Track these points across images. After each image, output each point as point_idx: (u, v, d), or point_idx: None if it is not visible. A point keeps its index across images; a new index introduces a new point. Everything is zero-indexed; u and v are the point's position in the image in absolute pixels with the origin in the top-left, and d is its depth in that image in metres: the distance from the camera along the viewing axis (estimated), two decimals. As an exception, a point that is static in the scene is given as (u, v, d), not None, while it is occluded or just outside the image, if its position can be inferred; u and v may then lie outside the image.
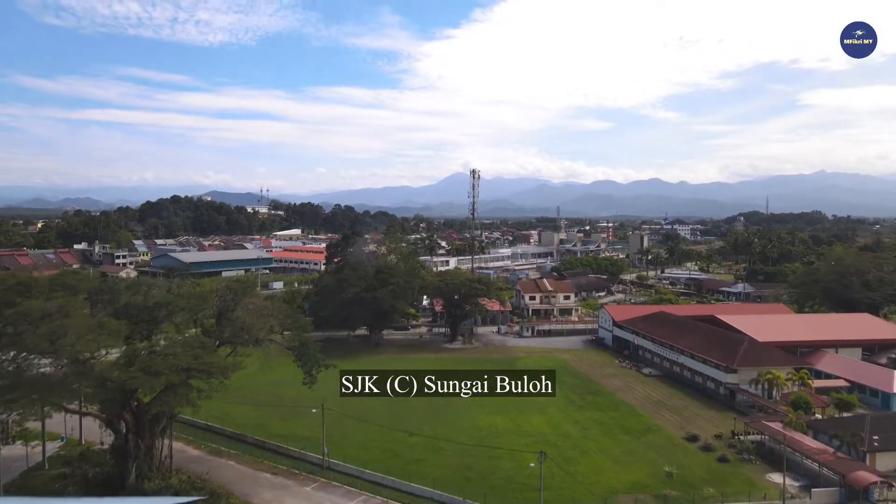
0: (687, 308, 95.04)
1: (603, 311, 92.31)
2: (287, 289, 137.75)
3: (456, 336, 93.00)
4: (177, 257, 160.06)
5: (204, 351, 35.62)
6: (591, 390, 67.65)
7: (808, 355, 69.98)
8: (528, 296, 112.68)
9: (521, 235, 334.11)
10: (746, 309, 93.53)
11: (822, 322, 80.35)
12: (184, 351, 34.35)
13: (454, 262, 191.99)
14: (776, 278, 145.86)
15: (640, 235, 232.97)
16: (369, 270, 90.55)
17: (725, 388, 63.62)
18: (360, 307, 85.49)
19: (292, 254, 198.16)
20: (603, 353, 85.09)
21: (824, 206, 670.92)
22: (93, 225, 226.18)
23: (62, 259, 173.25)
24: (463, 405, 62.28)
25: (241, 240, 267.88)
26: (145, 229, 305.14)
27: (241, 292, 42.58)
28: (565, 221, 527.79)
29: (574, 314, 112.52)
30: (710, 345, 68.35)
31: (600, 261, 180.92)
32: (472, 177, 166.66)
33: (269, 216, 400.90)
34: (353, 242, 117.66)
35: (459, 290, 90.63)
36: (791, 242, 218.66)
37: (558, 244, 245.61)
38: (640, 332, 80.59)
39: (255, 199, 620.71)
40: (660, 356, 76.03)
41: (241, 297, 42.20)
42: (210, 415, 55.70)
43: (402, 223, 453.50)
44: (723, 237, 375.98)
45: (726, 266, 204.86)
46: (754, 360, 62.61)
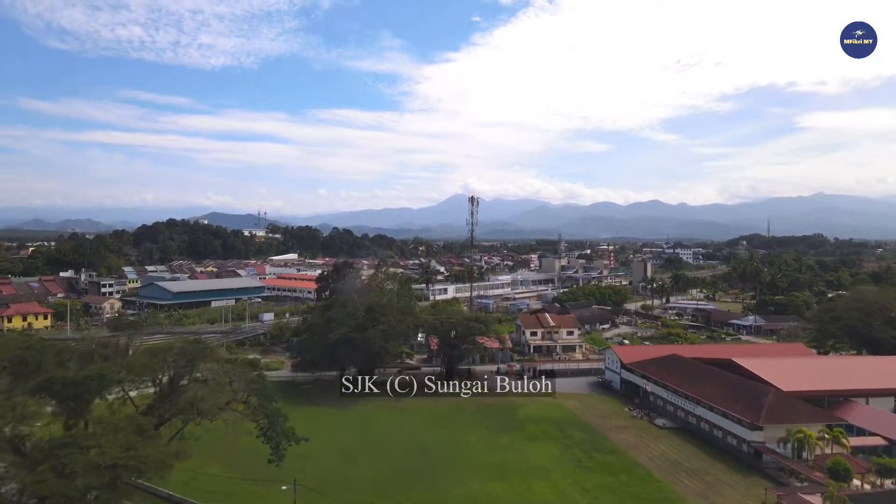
0: (700, 349, 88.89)
1: (610, 352, 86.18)
2: (276, 321, 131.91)
3: (452, 378, 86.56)
4: (164, 287, 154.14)
5: (140, 438, 29.50)
6: (600, 447, 61.28)
7: (837, 406, 63.80)
8: (529, 331, 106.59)
9: (521, 260, 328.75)
10: (764, 350, 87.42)
11: (849, 366, 74.24)
12: (112, 440, 28.17)
13: (452, 291, 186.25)
14: (788, 309, 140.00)
15: (643, 263, 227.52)
16: (360, 308, 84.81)
17: (750, 447, 57.30)
18: (349, 348, 79.50)
19: (286, 282, 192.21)
20: (611, 399, 78.69)
21: (824, 229, 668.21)
22: (82, 251, 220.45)
23: (46, 288, 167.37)
24: (459, 467, 56.18)
25: (235, 265, 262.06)
26: (139, 253, 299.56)
27: (196, 356, 36.72)
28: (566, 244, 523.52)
29: (578, 351, 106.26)
30: (731, 396, 62.22)
31: (603, 290, 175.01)
32: (471, 204, 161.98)
33: (266, 240, 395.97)
34: (345, 274, 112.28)
35: (456, 329, 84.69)
36: (798, 269, 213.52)
37: (559, 271, 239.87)
38: (651, 377, 74.44)
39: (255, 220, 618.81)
40: (674, 405, 69.76)
41: (196, 363, 36.31)
42: (174, 478, 49.52)
43: (402, 246, 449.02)
44: (725, 261, 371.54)
45: (732, 294, 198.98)
46: (782, 416, 56.46)
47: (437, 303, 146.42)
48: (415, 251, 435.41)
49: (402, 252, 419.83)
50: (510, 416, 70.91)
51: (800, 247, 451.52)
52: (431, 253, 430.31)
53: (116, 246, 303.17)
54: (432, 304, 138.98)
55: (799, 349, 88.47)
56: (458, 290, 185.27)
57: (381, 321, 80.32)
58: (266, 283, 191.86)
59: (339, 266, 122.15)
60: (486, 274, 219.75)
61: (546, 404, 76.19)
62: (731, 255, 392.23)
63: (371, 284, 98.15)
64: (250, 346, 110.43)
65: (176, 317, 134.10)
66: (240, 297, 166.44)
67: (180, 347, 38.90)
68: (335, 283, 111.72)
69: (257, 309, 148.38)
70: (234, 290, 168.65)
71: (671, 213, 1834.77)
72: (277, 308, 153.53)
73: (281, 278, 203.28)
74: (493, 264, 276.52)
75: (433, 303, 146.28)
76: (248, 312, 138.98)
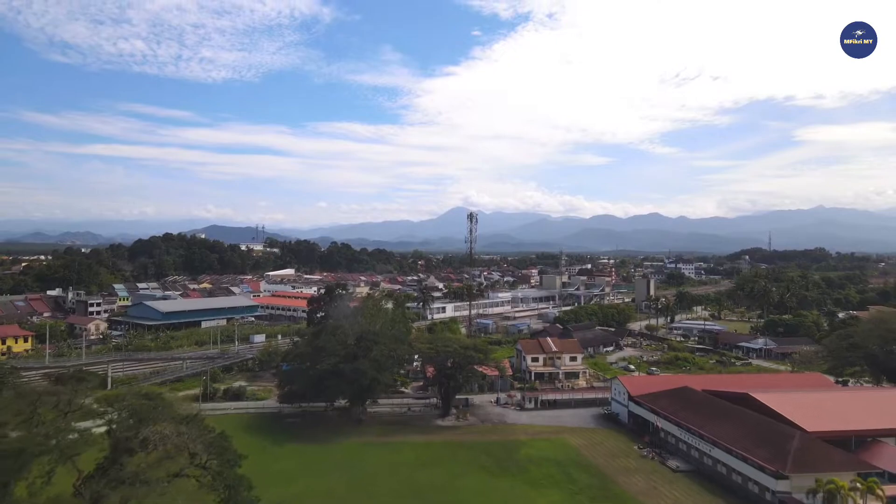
0: (712, 379, 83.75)
1: (616, 383, 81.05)
2: (267, 344, 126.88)
3: (449, 409, 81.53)
4: (153, 306, 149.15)
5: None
6: (608, 494, 56.04)
7: (866, 449, 58.65)
8: (530, 357, 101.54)
9: (521, 276, 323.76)
10: (781, 381, 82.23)
11: (875, 401, 69.09)
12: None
13: (451, 310, 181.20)
14: (798, 331, 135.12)
15: (646, 280, 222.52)
16: (350, 335, 79.91)
17: (775, 497, 52.09)
18: (339, 379, 74.44)
19: (280, 300, 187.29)
20: (618, 434, 73.39)
21: (824, 242, 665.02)
22: (74, 267, 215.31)
23: (32, 307, 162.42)
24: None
25: (231, 280, 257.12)
26: (134, 268, 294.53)
27: (145, 417, 31.72)
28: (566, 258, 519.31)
29: (581, 377, 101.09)
30: (751, 437, 57.08)
31: (605, 308, 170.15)
32: (470, 221, 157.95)
33: (263, 254, 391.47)
34: (337, 297, 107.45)
35: (452, 358, 79.68)
36: (805, 287, 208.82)
37: (560, 288, 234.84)
38: (661, 412, 69.31)
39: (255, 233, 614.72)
40: (687, 444, 64.55)
41: (145, 425, 31.31)
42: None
43: (401, 260, 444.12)
44: (728, 276, 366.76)
45: (738, 313, 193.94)
46: (810, 464, 51.36)
47: (435, 324, 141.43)
48: (414, 266, 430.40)
49: (401, 267, 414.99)
50: (511, 456, 65.66)
51: (802, 261, 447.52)
52: (430, 267, 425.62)
53: (111, 261, 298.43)
54: (429, 328, 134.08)
55: (817, 379, 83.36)
56: (456, 309, 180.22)
57: (373, 350, 75.35)
58: (259, 301, 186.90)
59: (331, 288, 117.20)
60: (485, 290, 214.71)
61: (549, 441, 71.12)
62: (734, 270, 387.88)
63: (364, 309, 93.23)
64: (238, 372, 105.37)
65: (163, 338, 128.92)
66: (232, 316, 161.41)
67: (128, 405, 33.32)
68: (327, 306, 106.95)
69: (248, 330, 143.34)
70: (226, 310, 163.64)
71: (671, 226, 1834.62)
72: (270, 328, 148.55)
73: (275, 296, 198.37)
74: (493, 280, 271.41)
75: (430, 324, 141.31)
76: (239, 334, 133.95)
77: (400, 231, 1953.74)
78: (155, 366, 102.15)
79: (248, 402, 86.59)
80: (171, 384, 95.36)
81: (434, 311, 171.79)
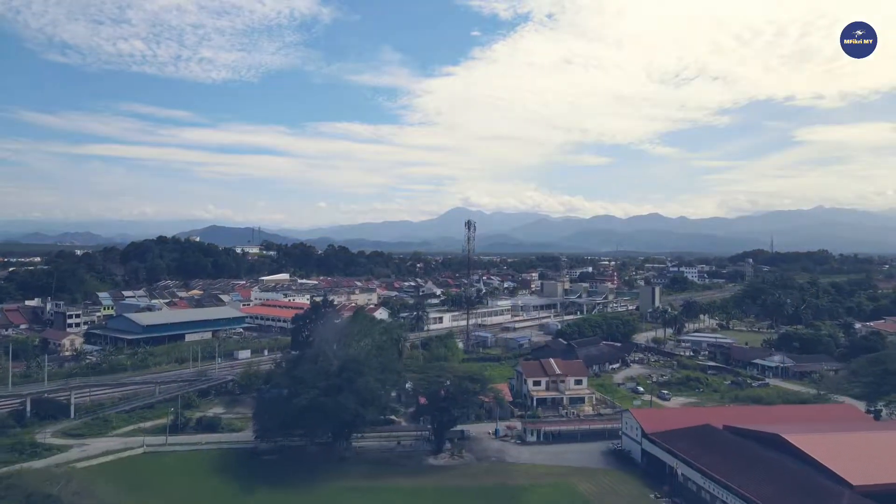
0: (734, 413, 76.14)
1: (628, 416, 73.37)
2: (250, 361, 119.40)
3: (442, 445, 73.82)
4: (133, 319, 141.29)
5: None
6: (624, 562, 48.41)
7: (919, 504, 50.94)
8: (531, 380, 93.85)
9: (521, 280, 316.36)
10: (810, 415, 74.44)
11: (921, 443, 61.31)
12: None
13: (448, 319, 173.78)
14: (815, 346, 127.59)
15: (650, 288, 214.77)
16: (333, 363, 72.25)
17: (821, 572, 44.46)
18: (319, 414, 66.75)
19: (270, 310, 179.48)
20: (631, 478, 65.56)
21: (824, 242, 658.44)
22: (58, 275, 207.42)
23: (8, 318, 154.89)
24: None
25: (223, 286, 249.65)
26: (126, 273, 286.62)
27: None
28: (566, 259, 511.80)
29: (587, 403, 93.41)
30: (789, 493, 49.42)
31: (609, 318, 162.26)
32: (468, 228, 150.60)
33: (258, 257, 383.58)
34: (322, 315, 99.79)
35: (446, 389, 72.05)
36: (815, 294, 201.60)
37: (562, 295, 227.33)
38: (680, 454, 61.63)
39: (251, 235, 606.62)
40: (711, 494, 56.81)
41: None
42: None
43: (399, 263, 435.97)
44: (731, 279, 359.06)
45: (748, 322, 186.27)
46: (863, 534, 43.73)
47: (430, 338, 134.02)
48: (412, 268, 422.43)
49: (399, 269, 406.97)
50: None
51: (805, 263, 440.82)
52: (429, 270, 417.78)
53: (103, 265, 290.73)
54: (423, 342, 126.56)
55: (848, 412, 75.68)
56: (454, 319, 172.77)
57: (357, 382, 67.65)
58: (248, 311, 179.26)
59: (316, 305, 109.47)
60: (484, 297, 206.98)
61: (554, 486, 63.44)
62: (737, 273, 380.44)
63: (351, 329, 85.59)
64: (216, 396, 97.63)
65: (141, 355, 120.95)
66: (218, 328, 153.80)
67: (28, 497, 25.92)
68: (312, 324, 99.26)
69: (233, 345, 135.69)
70: (212, 322, 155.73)
71: (671, 226, 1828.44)
72: (257, 342, 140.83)
73: (265, 305, 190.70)
74: (493, 287, 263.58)
75: (425, 338, 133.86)
76: (221, 350, 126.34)
77: (400, 231, 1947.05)
78: (125, 390, 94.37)
79: (223, 435, 78.75)
80: (140, 411, 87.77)
81: (430, 322, 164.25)
